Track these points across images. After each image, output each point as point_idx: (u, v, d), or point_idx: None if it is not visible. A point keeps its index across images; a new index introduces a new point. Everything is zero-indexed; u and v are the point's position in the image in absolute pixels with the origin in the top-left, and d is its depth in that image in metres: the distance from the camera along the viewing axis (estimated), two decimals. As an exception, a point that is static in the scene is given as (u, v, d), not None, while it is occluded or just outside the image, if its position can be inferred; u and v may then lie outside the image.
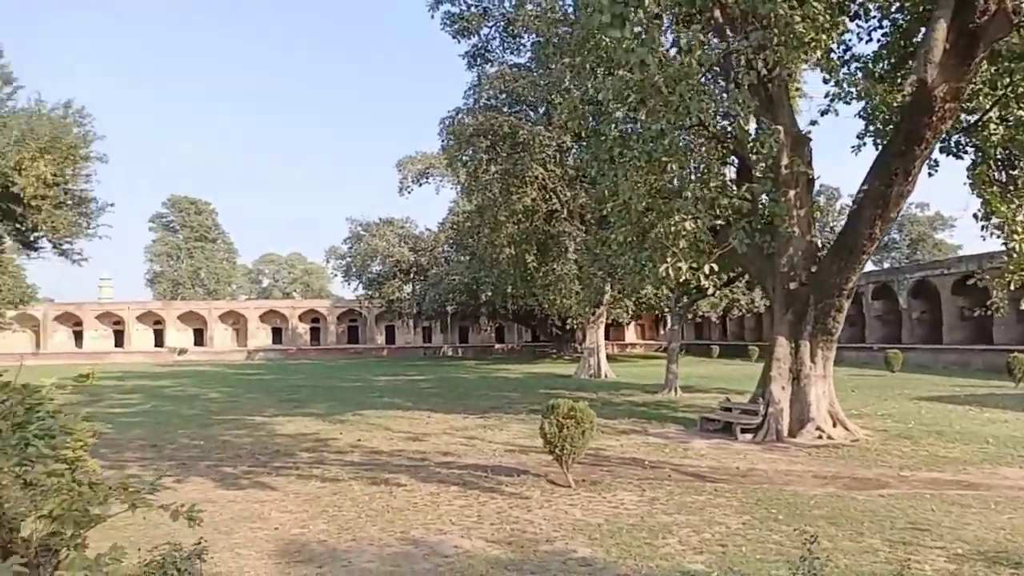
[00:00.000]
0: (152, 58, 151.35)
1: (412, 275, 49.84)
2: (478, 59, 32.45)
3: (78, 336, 60.91)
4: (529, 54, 31.92)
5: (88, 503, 3.84)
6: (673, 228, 11.00)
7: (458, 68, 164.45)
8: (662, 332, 65.83)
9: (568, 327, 48.48)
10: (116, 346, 61.06)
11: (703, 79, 12.29)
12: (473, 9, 30.28)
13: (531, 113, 31.42)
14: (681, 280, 11.56)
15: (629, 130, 13.81)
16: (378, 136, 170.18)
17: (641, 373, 33.21)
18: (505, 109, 30.64)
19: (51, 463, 3.77)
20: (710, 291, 22.85)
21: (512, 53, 32.25)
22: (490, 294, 33.29)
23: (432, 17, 30.49)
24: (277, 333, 62.72)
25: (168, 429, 16.13)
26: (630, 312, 45.13)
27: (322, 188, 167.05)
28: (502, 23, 31.14)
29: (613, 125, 13.34)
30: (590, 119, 16.30)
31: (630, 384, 27.29)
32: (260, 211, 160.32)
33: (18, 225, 22.20)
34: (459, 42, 31.37)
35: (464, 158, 28.91)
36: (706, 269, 11.06)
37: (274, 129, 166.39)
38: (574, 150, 28.95)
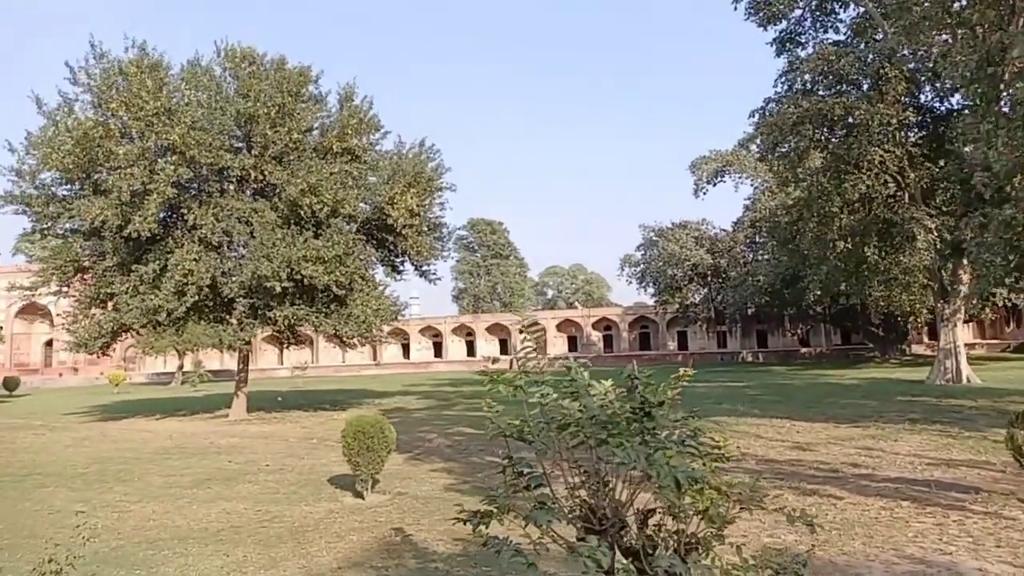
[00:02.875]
0: (430, 83, 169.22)
1: (709, 278, 48.38)
2: (787, 44, 30.43)
3: (405, 348, 69.59)
4: (847, 30, 29.18)
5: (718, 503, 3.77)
6: None
7: (725, 66, 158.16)
8: (1009, 328, 55.51)
9: (896, 327, 43.14)
10: (435, 356, 68.62)
11: None
12: (781, -6, 28.45)
13: (853, 91, 28.47)
14: None
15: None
16: (648, 145, 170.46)
17: (1016, 377, 27.84)
18: (820, 92, 28.21)
19: (697, 462, 3.77)
20: None
21: (828, 31, 29.69)
22: (818, 293, 30.69)
23: (735, 8, 29.31)
24: (572, 341, 65.38)
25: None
26: (1000, 303, 38.49)
27: (598, 199, 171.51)
28: (814, 2, 28.83)
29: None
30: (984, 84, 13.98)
31: (1017, 391, 22.85)
32: (543, 225, 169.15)
33: (388, 251, 25.65)
34: (765, 30, 29.74)
35: (783, 149, 27.09)
36: None
37: (545, 144, 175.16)
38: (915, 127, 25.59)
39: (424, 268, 26.38)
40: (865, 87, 28.08)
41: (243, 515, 9.52)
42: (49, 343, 73.36)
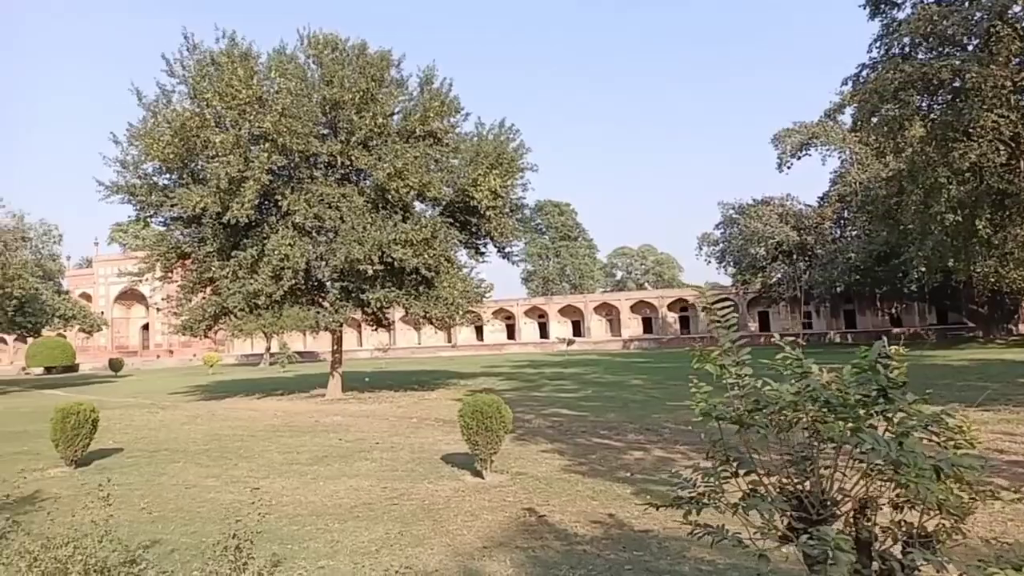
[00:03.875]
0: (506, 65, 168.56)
1: (794, 256, 46.54)
2: (882, 6, 28.75)
3: (479, 331, 70.17)
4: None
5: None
6: None
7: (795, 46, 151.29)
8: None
9: (1003, 305, 40.70)
10: (508, 338, 68.97)
11: None
12: (877, -50, 26.85)
13: (958, 53, 26.66)
14: None
15: None
16: (720, 119, 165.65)
17: None
18: (920, 55, 26.53)
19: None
20: None
21: (928, -12, 27.80)
22: (923, 270, 29.10)
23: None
24: (647, 323, 64.48)
25: (641, 413, 17.00)
26: None
27: (668, 177, 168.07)
28: (913, -42, 27.06)
29: None
30: None
31: None
32: (612, 205, 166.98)
33: (471, 233, 25.70)
34: (858, -9, 28.22)
35: (881, 117, 25.66)
36: None
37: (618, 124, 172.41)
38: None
39: (507, 249, 26.37)
40: (971, 48, 26.27)
41: (371, 492, 9.70)
42: (145, 327, 77.49)
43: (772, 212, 46.46)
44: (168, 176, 23.80)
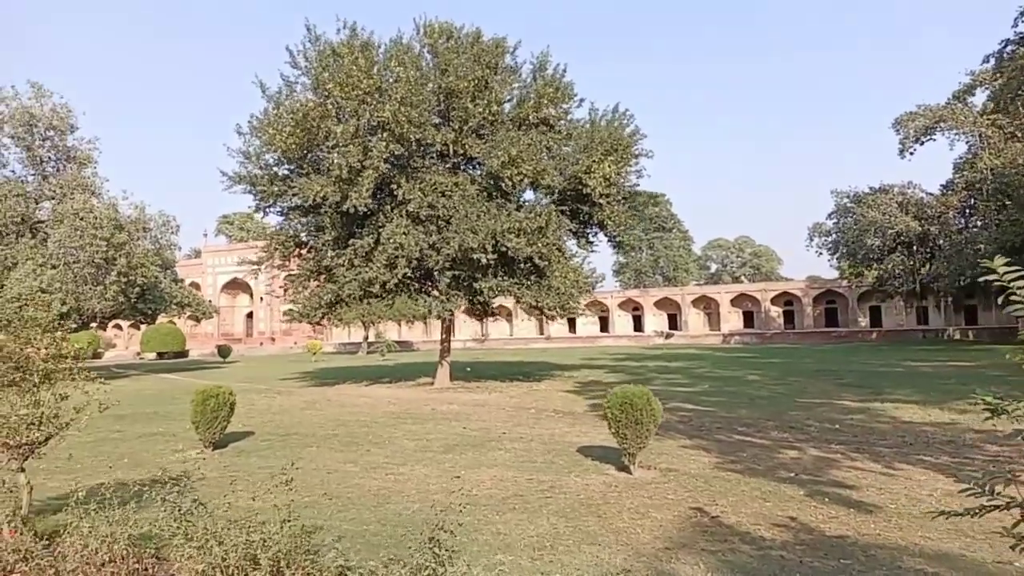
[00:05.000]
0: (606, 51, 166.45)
1: (914, 248, 43.36)
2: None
3: (571, 323, 69.57)
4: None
5: None
6: None
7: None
8: None
9: None
10: (601, 331, 68.05)
11: None
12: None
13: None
14: None
15: None
16: (822, 106, 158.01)
17: None
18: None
19: None
20: None
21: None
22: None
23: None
24: (748, 317, 62.08)
25: (774, 410, 16.07)
26: None
27: (767, 167, 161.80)
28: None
29: None
30: None
31: None
32: (707, 196, 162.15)
33: (582, 222, 25.12)
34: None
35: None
36: None
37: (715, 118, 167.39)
38: None
39: (619, 239, 25.64)
40: None
41: (517, 483, 9.38)
42: (250, 315, 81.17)
43: (891, 201, 43.36)
44: (288, 167, 24.39)
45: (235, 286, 79.56)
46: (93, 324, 42.23)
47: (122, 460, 12.08)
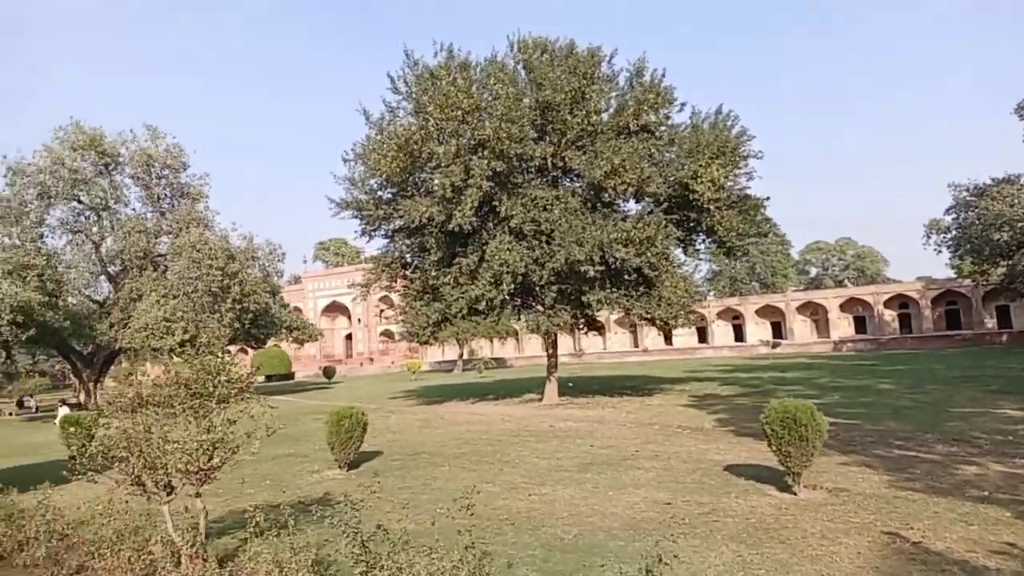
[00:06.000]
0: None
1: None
2: None
3: (666, 334, 67.77)
4: None
5: None
6: None
7: None
8: None
9: None
10: (699, 342, 65.92)
11: None
12: None
13: None
14: None
15: None
16: (930, 94, 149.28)
17: None
18: None
19: None
20: None
21: None
22: None
23: None
24: (860, 322, 58.59)
25: (927, 421, 14.83)
26: None
27: (870, 162, 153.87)
28: None
29: None
30: None
31: None
32: (801, 196, 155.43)
33: (688, 230, 24.29)
34: None
35: None
36: None
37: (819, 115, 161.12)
38: None
39: (729, 245, 24.60)
40: None
41: (674, 505, 8.85)
42: (348, 336, 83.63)
43: (1020, 192, 39.94)
44: (391, 190, 24.78)
45: (334, 309, 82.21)
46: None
47: (263, 482, 12.30)
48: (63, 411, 21.52)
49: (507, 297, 22.77)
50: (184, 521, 6.97)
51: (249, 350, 60.77)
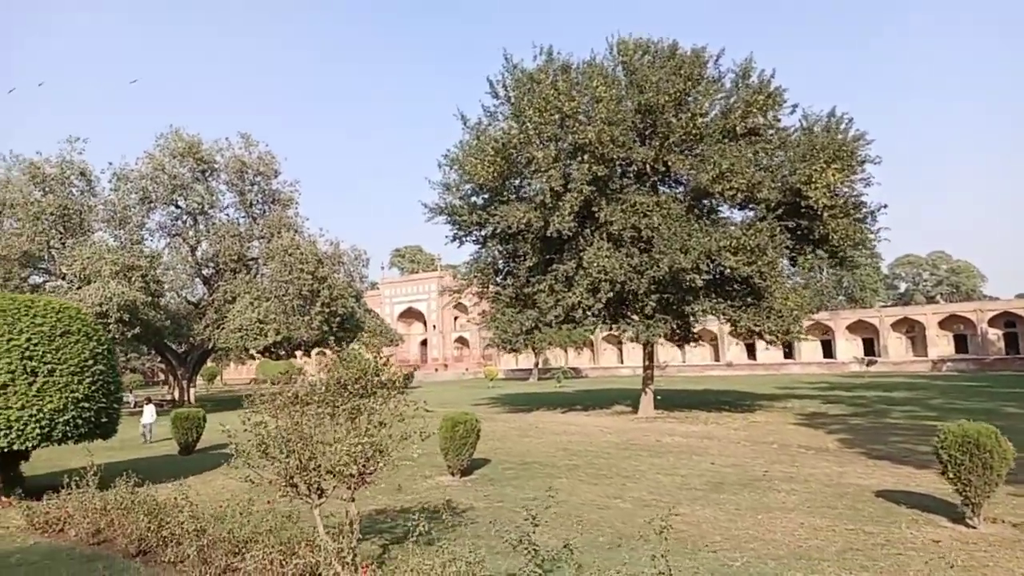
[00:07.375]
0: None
1: None
2: None
3: (750, 348, 65.56)
4: None
5: None
6: None
7: None
8: None
9: None
10: (785, 358, 63.36)
11: None
12: None
13: None
14: None
15: None
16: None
17: None
18: None
19: None
20: None
21: None
22: None
23: None
24: (960, 341, 55.04)
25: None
26: None
27: (962, 169, 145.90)
28: None
29: None
30: None
31: None
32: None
33: (800, 238, 23.02)
34: None
35: None
36: None
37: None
38: None
39: (842, 256, 23.23)
40: None
41: (838, 533, 8.10)
42: (423, 342, 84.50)
43: None
44: (485, 196, 24.55)
45: (410, 315, 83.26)
46: (299, 352, 45.26)
47: (379, 484, 12.07)
48: (149, 409, 21.99)
49: (603, 305, 22.18)
50: (325, 525, 6.72)
51: (327, 352, 62.08)
